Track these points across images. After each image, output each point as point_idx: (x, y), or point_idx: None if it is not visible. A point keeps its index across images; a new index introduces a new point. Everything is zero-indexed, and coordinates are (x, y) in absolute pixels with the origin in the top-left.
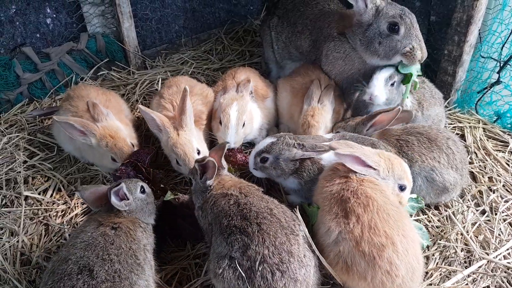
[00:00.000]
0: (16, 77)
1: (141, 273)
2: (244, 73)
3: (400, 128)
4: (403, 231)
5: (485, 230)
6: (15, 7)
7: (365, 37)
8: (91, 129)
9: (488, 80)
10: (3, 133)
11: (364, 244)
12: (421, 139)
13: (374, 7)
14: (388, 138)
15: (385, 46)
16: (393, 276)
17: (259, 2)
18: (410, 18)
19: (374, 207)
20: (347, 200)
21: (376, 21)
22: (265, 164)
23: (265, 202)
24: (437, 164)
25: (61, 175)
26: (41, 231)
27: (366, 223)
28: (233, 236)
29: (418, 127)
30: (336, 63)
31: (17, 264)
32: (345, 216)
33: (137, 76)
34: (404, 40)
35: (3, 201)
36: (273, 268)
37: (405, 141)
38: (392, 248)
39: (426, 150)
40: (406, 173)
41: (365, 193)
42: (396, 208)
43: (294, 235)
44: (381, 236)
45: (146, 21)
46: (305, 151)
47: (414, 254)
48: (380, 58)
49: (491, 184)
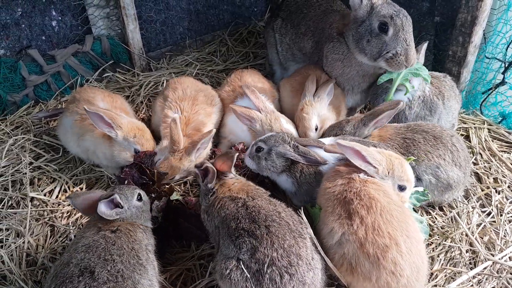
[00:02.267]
0: (22, 79)
1: (144, 272)
2: (250, 75)
3: (403, 125)
4: (407, 232)
5: (490, 231)
6: (21, 10)
7: (357, 33)
8: (118, 122)
9: (493, 81)
10: (9, 134)
11: (368, 246)
12: (427, 137)
13: (369, 3)
14: (393, 138)
15: (372, 45)
16: (398, 276)
17: (263, 4)
18: (403, 20)
19: (378, 208)
20: (350, 201)
21: (369, 18)
22: (259, 153)
23: (273, 205)
24: (443, 162)
25: (66, 176)
26: (46, 232)
27: (369, 225)
28: (241, 239)
29: (422, 125)
30: (335, 65)
31: (23, 265)
32: (348, 217)
33: (142, 78)
34: (391, 42)
35: (9, 203)
36: (282, 271)
37: (412, 139)
38: (396, 248)
39: (432, 148)
40: (407, 174)
41: (368, 194)
42: (400, 208)
43: (302, 238)
44: (385, 237)
45: (150, 23)
46: (296, 153)
47: (418, 254)
48: (367, 57)
49: (496, 185)
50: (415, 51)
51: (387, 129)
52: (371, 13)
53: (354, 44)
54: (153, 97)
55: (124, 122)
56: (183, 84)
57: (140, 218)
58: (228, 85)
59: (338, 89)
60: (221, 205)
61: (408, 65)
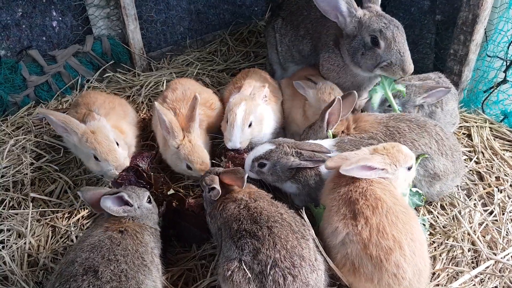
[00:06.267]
0: (22, 80)
1: (148, 273)
2: (255, 75)
3: (384, 115)
4: (411, 234)
5: (492, 230)
6: (21, 10)
7: (351, 48)
8: (73, 126)
9: (494, 79)
10: (10, 135)
11: (371, 247)
12: (411, 126)
13: (355, 20)
14: (374, 127)
15: (367, 58)
16: (400, 278)
17: (263, 3)
18: (393, 32)
19: (383, 210)
20: (355, 201)
21: (361, 33)
22: (262, 169)
23: (275, 207)
24: (429, 151)
25: (67, 177)
26: (48, 233)
27: (374, 226)
28: (243, 240)
29: (406, 115)
30: (330, 74)
31: (24, 265)
32: (353, 217)
33: (143, 78)
34: (385, 55)
35: (11, 203)
36: (285, 272)
37: (396, 127)
38: (400, 252)
39: (417, 136)
40: (407, 154)
41: (374, 194)
42: (405, 209)
43: (304, 239)
44: (389, 239)
45: (151, 23)
46: (302, 160)
47: (421, 257)
48: (362, 69)
49: (498, 183)
50: (410, 60)
51: (365, 118)
52: (361, 28)
53: (349, 58)
54: (154, 97)
55: (81, 125)
56: (184, 86)
57: (149, 219)
58: (233, 84)
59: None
60: (223, 206)
61: (404, 74)
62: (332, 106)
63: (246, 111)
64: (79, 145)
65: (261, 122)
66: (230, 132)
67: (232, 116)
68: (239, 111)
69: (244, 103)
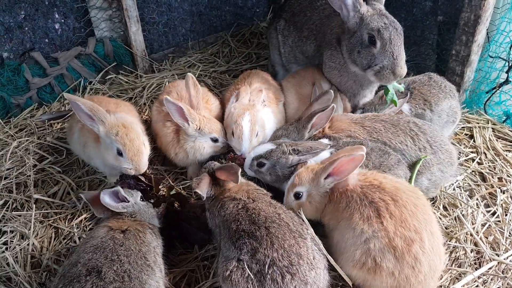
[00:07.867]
0: (25, 82)
1: (152, 273)
2: (257, 77)
3: (359, 116)
4: (431, 227)
5: (495, 231)
6: (24, 12)
7: (350, 43)
8: (101, 116)
9: (496, 80)
10: (13, 137)
11: (397, 240)
12: (386, 125)
13: (358, 15)
14: (349, 128)
15: (362, 56)
16: (416, 272)
17: (265, 5)
18: (391, 34)
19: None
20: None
21: (360, 30)
22: (261, 169)
23: (274, 207)
24: (405, 147)
25: (70, 178)
26: (51, 234)
27: (397, 217)
28: (241, 240)
29: (380, 115)
30: (332, 73)
31: (28, 267)
32: (377, 216)
33: (145, 79)
34: (379, 55)
35: (14, 205)
36: (283, 271)
37: (372, 127)
38: (420, 244)
39: (392, 135)
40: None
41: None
42: (414, 193)
43: (302, 238)
44: (411, 230)
45: (153, 25)
46: (301, 155)
47: (438, 254)
48: (358, 67)
49: (501, 184)
50: (404, 64)
51: (340, 118)
52: (361, 25)
53: (347, 54)
54: (156, 98)
55: (109, 117)
56: (178, 87)
57: (147, 214)
58: (235, 85)
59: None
60: (221, 204)
61: (395, 78)
62: (325, 110)
63: (252, 122)
64: (104, 135)
65: (263, 127)
66: (239, 144)
67: (238, 128)
68: (245, 123)
69: (248, 114)
